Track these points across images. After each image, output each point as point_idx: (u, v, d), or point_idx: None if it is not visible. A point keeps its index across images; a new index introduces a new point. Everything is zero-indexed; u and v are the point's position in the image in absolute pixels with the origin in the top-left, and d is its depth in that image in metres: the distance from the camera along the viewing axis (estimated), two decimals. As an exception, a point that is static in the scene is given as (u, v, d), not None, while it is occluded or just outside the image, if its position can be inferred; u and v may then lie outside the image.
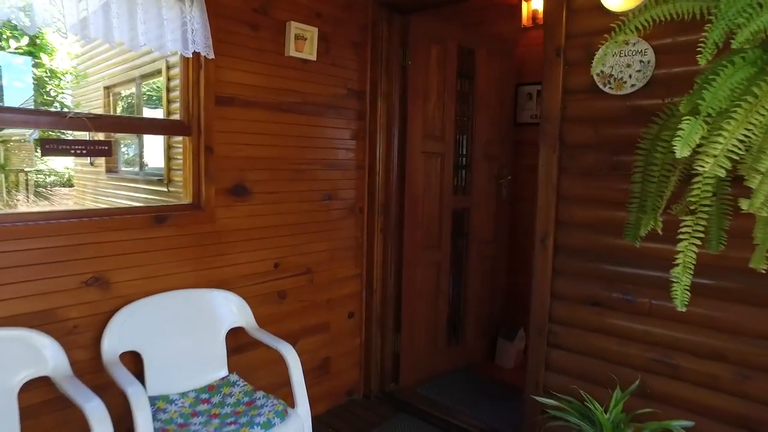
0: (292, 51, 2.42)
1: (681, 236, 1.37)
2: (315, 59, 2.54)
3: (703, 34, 1.31)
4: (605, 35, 1.56)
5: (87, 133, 1.86)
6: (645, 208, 1.61)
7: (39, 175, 8.50)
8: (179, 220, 2.10)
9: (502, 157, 3.48)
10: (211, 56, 2.10)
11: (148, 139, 5.71)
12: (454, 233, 3.29)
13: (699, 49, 1.32)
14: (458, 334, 3.45)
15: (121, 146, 6.15)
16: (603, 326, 2.13)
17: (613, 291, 2.09)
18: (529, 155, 3.63)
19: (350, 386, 3.02)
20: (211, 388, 2.03)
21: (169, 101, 4.92)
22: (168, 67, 4.84)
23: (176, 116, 2.44)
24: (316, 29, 2.50)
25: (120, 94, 6.24)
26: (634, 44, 1.95)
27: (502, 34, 3.62)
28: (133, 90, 5.74)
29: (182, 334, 2.00)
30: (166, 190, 5.25)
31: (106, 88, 6.09)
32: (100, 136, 2.14)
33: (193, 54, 2.05)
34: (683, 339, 1.93)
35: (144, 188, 5.63)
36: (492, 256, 3.53)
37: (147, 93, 5.82)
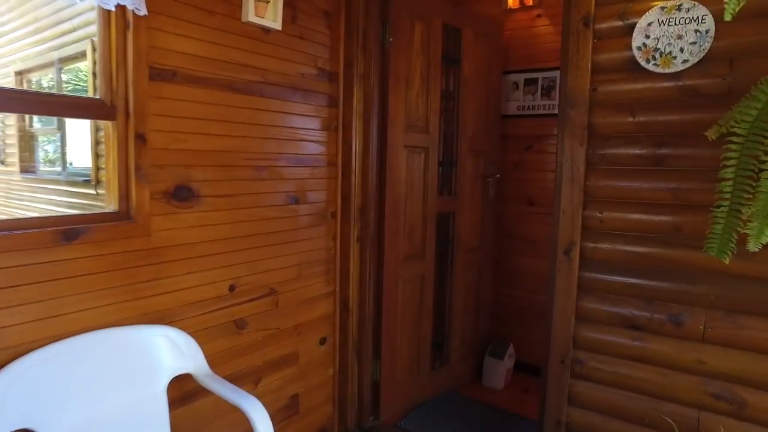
0: (251, 15, 1.89)
1: None
2: (279, 28, 2.02)
3: None
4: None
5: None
6: (736, 212, 1.23)
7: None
8: (99, 235, 1.53)
9: (489, 152, 3.08)
10: (143, 12, 1.54)
11: (71, 130, 4.91)
12: (439, 240, 2.85)
13: None
14: (443, 356, 3.01)
15: (39, 140, 5.29)
16: (643, 354, 1.74)
17: (656, 311, 1.71)
18: (514, 151, 3.26)
19: (323, 425, 2.51)
20: (146, 464, 1.48)
21: (96, 89, 4.19)
22: (94, 49, 4.11)
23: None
24: (281, -10, 1.99)
25: (37, 81, 5.37)
26: (687, 10, 1.58)
27: (486, 15, 3.22)
28: (53, 76, 4.92)
29: (102, 394, 1.43)
30: (93, 192, 4.50)
31: (18, 73, 5.20)
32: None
33: (116, 7, 1.49)
34: (750, 370, 1.57)
35: (67, 191, 4.83)
36: (478, 265, 3.13)
37: (71, 81, 5.03)
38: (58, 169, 5.16)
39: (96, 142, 4.41)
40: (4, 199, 5.69)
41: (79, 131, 5.00)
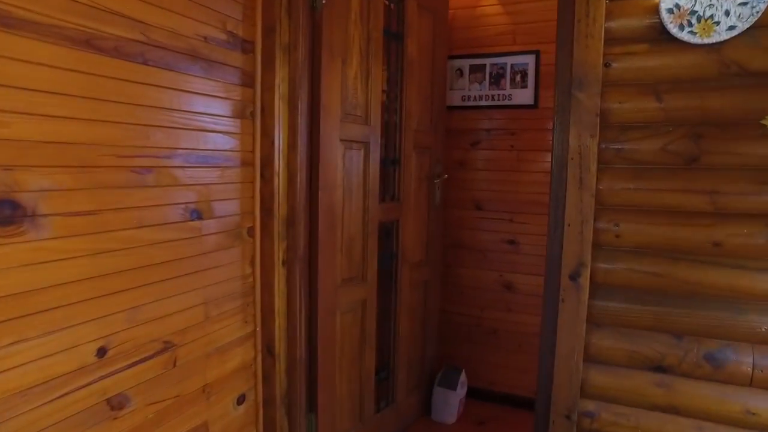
0: (120, -65, 1.24)
1: None
2: (168, -36, 1.38)
3: None
4: None
5: None
6: None
7: None
8: None
9: (435, 149, 2.63)
10: None
11: None
12: (382, 256, 2.35)
13: None
14: (389, 393, 2.51)
15: None
16: (672, 403, 1.37)
17: (689, 349, 1.35)
18: (459, 148, 2.84)
19: None
20: None
21: None
22: None
23: None
24: None
25: None
26: (736, -41, 1.22)
27: (425, -11, 2.76)
28: None
29: None
30: None
31: None
32: None
33: None
34: (814, 425, 1.25)
35: None
36: (425, 282, 2.67)
37: None
38: None
39: None
40: None
41: None
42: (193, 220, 1.58)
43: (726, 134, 1.27)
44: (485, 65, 2.76)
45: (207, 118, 1.62)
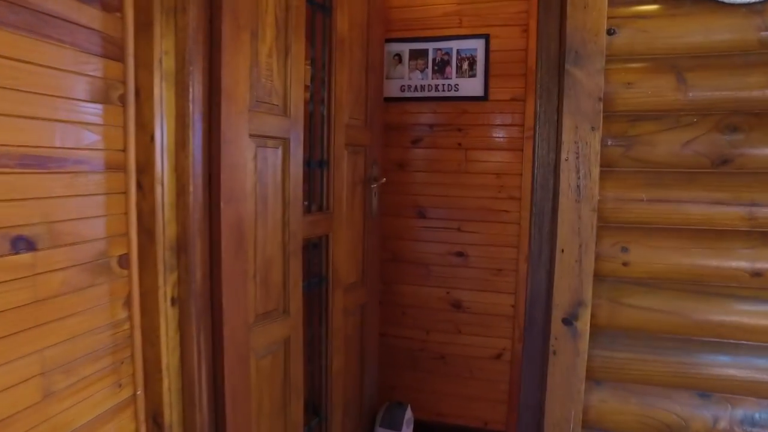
0: None
1: None
2: None
3: None
4: None
5: None
6: None
7: None
8: None
9: (371, 147, 2.21)
10: None
11: None
12: (309, 279, 1.90)
13: None
14: (321, 447, 2.07)
15: None
16: (696, 485, 1.05)
17: (719, 410, 1.02)
18: (398, 146, 2.45)
19: None
20: None
21: None
22: None
23: None
24: None
25: None
26: None
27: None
28: None
29: None
30: None
31: None
32: None
33: None
34: None
35: None
36: (361, 307, 2.25)
37: None
38: None
39: None
40: None
41: None
42: (16, 253, 1.05)
43: (769, 127, 0.95)
44: (427, 50, 2.38)
45: (46, 101, 1.09)
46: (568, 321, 1.05)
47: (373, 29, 2.16)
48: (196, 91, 1.37)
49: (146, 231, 1.34)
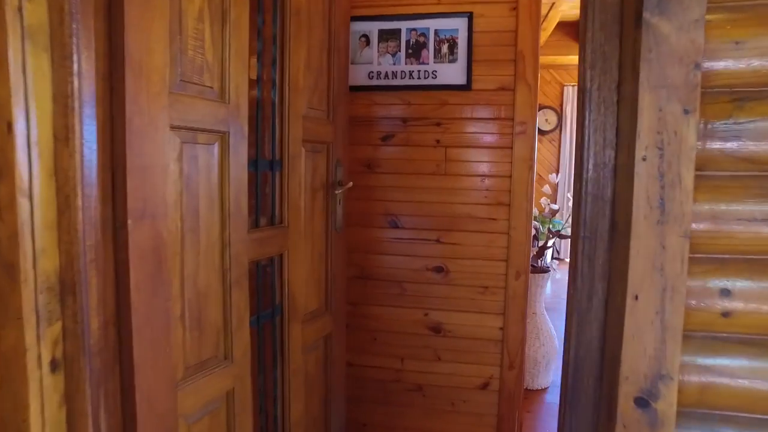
0: None
1: None
2: None
3: None
4: None
5: None
6: None
7: None
8: None
9: (335, 145, 1.82)
10: None
11: None
12: (258, 311, 1.49)
13: None
14: None
15: None
16: None
17: None
18: (367, 143, 2.07)
19: None
20: None
21: None
22: None
23: None
24: None
25: None
26: None
27: None
28: None
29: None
30: None
31: None
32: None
33: None
34: None
35: None
36: (325, 338, 1.86)
37: None
38: None
39: None
40: None
41: None
42: None
43: None
44: (400, 31, 2.01)
45: None
46: (644, 402, 0.70)
47: (336, 3, 1.77)
48: (84, 59, 0.95)
49: (4, 266, 0.90)
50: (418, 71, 2.02)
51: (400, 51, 2.02)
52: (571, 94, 6.33)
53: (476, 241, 2.05)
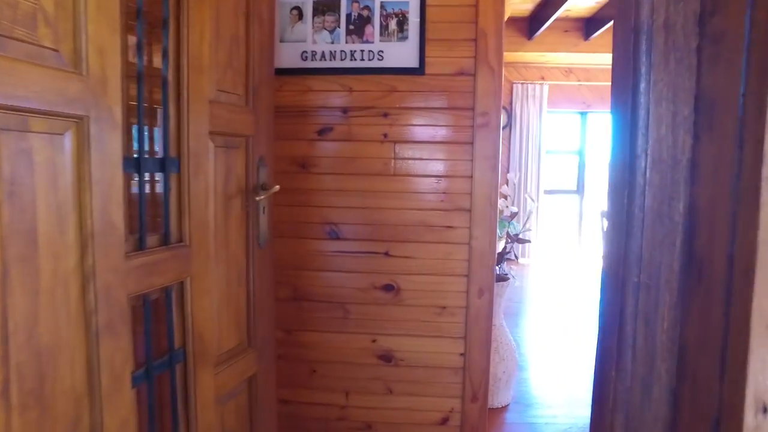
0: None
1: None
2: None
3: None
4: None
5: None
6: None
7: None
8: None
9: (257, 139, 1.44)
10: None
11: None
12: (146, 365, 1.09)
13: None
14: None
15: None
16: None
17: None
18: (299, 138, 1.72)
19: None
20: None
21: None
22: None
23: None
24: None
25: None
26: None
27: None
28: None
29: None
30: None
31: None
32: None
33: None
34: None
35: None
36: (249, 380, 1.48)
37: None
38: None
39: None
40: None
41: None
42: None
43: None
44: (339, 2, 1.66)
45: None
46: None
47: (255, -42, 1.40)
48: None
49: None
50: (361, 51, 1.68)
51: (339, 27, 1.67)
52: (520, 92, 6.21)
53: (432, 253, 1.73)
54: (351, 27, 1.67)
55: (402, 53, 1.66)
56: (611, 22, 4.90)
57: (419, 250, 1.74)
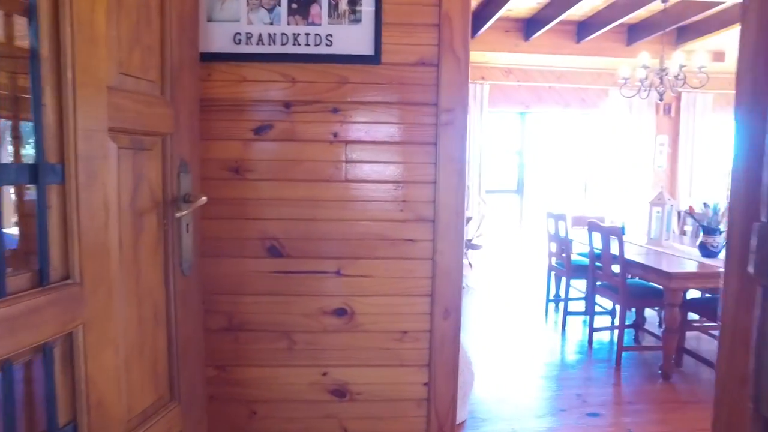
0: None
1: None
2: None
3: None
4: None
5: None
6: None
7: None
8: None
9: (176, 139, 1.13)
10: None
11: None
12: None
13: None
14: None
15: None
16: None
17: None
18: (232, 138, 1.42)
19: None
20: None
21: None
22: None
23: None
24: None
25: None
26: None
27: None
28: None
29: None
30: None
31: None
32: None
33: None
34: None
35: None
36: (170, 444, 1.16)
37: None
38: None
39: None
40: None
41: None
42: None
43: None
44: (277, -26, 1.38)
45: None
46: None
47: None
48: None
49: None
50: (306, 35, 1.40)
51: (279, 5, 1.39)
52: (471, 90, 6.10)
53: (391, 271, 1.49)
54: (294, 6, 1.39)
55: (354, 38, 1.41)
56: (552, 23, 4.89)
57: (376, 267, 1.49)
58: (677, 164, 6.70)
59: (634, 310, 3.65)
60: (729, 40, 5.08)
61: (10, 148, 0.88)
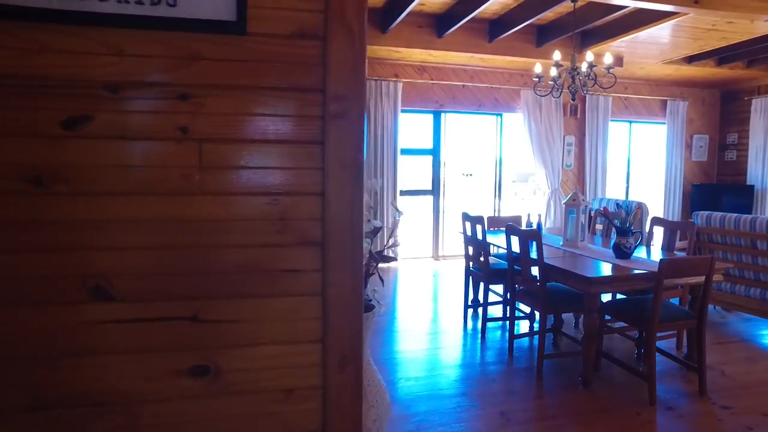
0: None
1: None
2: None
3: None
4: None
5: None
6: None
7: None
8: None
9: None
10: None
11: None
12: None
13: None
14: None
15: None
16: None
17: None
18: (28, 134, 0.95)
19: None
20: None
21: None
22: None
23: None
24: None
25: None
26: None
27: None
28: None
29: None
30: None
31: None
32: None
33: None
34: None
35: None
36: None
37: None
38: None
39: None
40: None
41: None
42: None
43: None
44: None
45: None
46: None
47: None
48: None
49: None
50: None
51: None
52: (374, 89, 5.83)
53: (267, 312, 1.11)
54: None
55: (206, -3, 1.00)
56: (464, 20, 4.71)
57: (247, 308, 1.10)
58: (584, 164, 6.87)
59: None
60: (627, 45, 5.20)
61: None
